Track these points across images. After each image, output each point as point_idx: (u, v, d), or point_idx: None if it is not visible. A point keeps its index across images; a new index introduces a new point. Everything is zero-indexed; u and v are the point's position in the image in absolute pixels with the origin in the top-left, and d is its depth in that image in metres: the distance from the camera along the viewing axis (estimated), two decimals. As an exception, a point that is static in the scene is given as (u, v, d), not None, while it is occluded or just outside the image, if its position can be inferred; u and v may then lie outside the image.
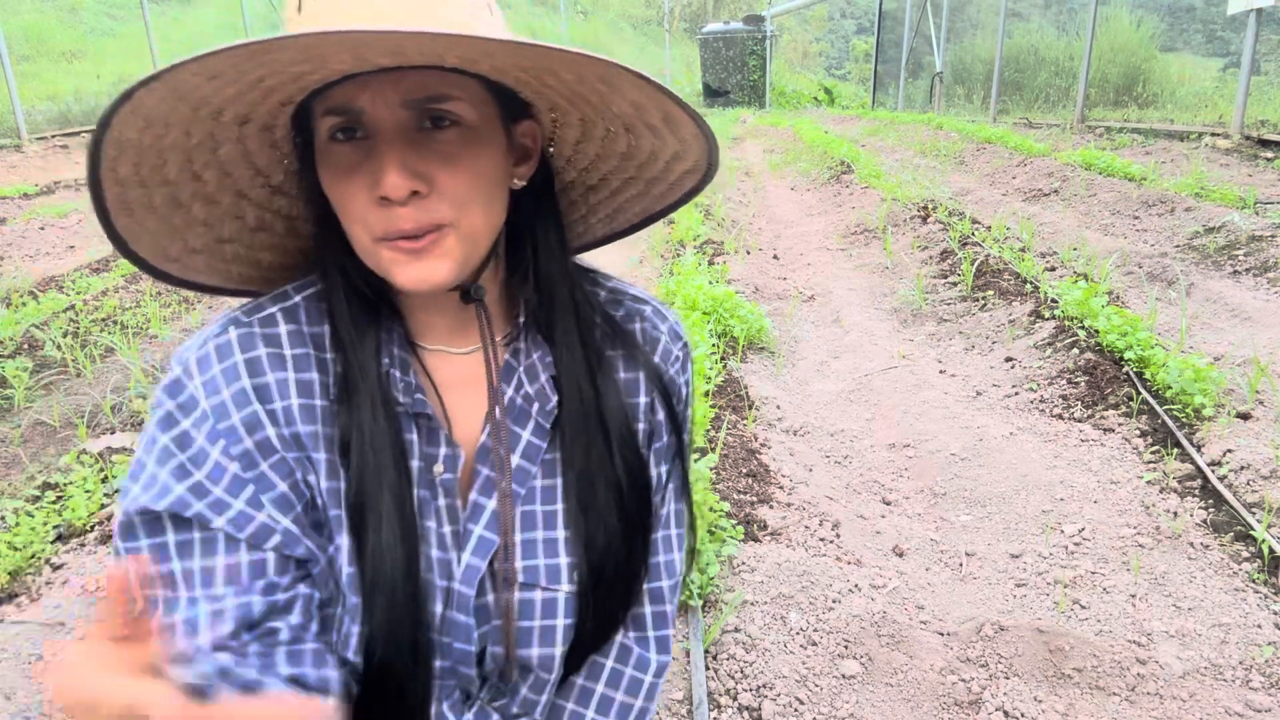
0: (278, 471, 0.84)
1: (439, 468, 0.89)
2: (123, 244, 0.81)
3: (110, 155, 0.74)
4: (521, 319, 0.95)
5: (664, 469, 1.01)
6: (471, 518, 0.90)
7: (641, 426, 0.98)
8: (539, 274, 0.93)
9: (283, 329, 0.88)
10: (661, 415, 0.99)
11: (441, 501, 0.89)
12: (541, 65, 0.80)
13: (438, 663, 0.90)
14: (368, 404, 0.85)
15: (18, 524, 2.77)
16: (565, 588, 0.93)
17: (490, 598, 0.92)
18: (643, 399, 0.98)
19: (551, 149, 0.96)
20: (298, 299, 0.91)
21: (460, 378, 0.93)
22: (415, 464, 0.88)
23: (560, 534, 0.93)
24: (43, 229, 7.18)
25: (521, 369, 0.94)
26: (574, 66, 0.78)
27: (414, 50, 0.69)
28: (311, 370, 0.87)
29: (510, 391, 0.93)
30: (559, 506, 0.94)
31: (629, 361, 0.97)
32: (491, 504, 0.91)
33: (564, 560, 0.93)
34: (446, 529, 0.90)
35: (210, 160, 0.80)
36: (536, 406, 0.93)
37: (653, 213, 1.03)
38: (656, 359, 1.00)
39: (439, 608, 0.89)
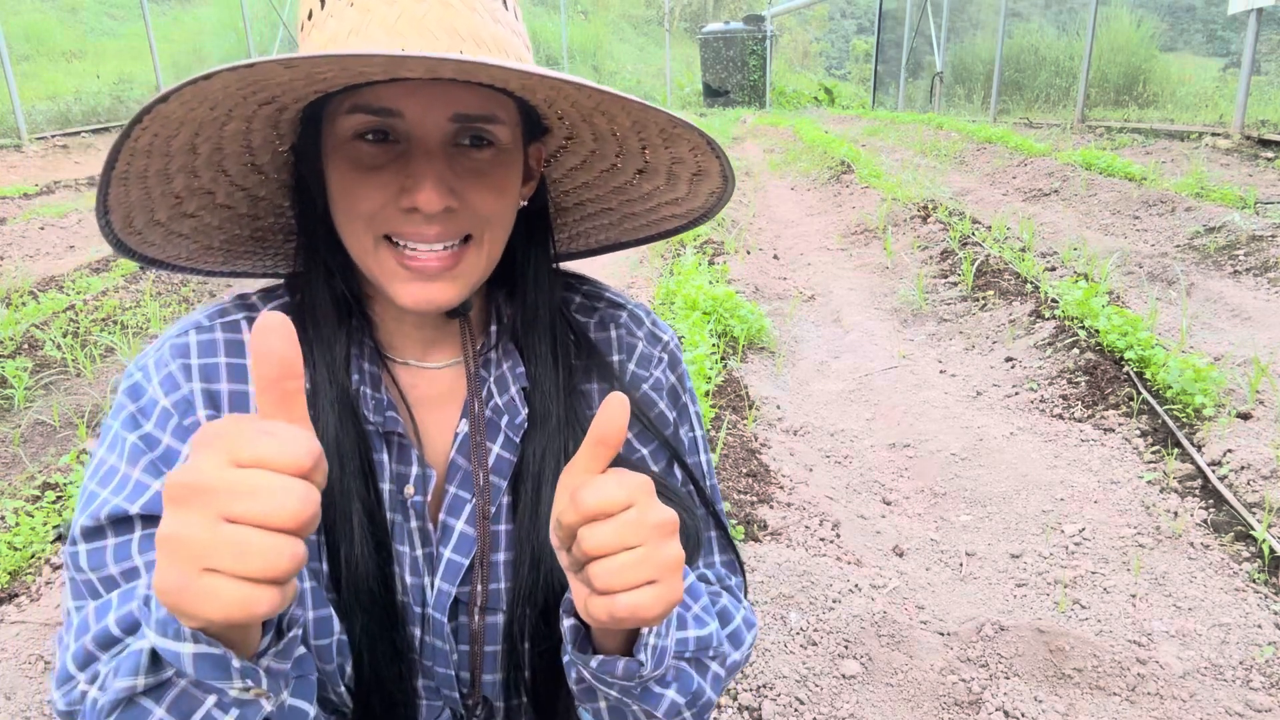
0: None
1: (410, 489, 0.87)
2: (104, 211, 0.76)
3: (144, 126, 0.69)
4: (495, 329, 0.92)
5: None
6: (442, 540, 0.88)
7: None
8: (525, 296, 0.91)
9: (246, 337, 0.85)
10: (639, 424, 0.96)
11: (413, 524, 0.87)
12: (603, 108, 0.79)
13: (420, 682, 0.89)
14: (335, 420, 0.82)
15: (18, 524, 2.77)
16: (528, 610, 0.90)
17: (463, 619, 0.90)
18: None
19: (546, 170, 0.95)
20: (264, 310, 0.87)
21: (431, 394, 0.91)
22: (386, 486, 0.86)
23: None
24: (43, 229, 7.17)
25: (492, 380, 0.91)
26: (640, 115, 0.78)
27: (454, 68, 0.67)
28: None
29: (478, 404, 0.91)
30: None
31: (602, 371, 0.95)
32: (459, 525, 0.88)
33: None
34: (419, 552, 0.88)
35: (213, 134, 0.77)
36: (505, 419, 0.90)
37: (651, 235, 1.02)
38: (632, 364, 0.97)
39: (418, 631, 0.88)
